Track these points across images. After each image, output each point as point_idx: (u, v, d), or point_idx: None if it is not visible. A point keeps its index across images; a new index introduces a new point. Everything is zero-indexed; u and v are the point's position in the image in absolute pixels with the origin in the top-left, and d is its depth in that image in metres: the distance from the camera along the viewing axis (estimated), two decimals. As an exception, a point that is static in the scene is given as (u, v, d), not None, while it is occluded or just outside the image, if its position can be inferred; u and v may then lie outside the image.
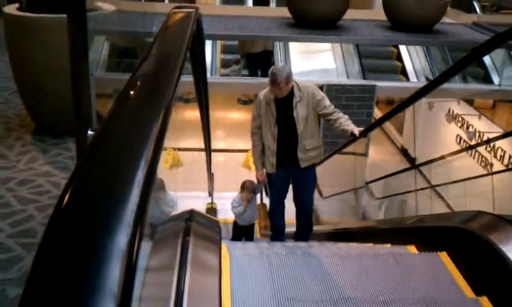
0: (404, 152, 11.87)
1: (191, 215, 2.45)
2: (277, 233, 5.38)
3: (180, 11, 1.86)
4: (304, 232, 5.33)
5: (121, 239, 0.62)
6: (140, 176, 0.71)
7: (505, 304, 2.31)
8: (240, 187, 5.80)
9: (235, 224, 6.12)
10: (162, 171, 10.27)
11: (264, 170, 5.14)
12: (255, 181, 5.52)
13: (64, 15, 2.61)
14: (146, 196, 0.70)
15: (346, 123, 4.73)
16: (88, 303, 0.56)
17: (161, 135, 0.85)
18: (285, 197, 5.28)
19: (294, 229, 5.56)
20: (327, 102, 4.81)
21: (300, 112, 4.71)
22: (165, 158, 11.44)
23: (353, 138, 4.82)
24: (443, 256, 2.76)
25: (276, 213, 5.37)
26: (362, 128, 4.78)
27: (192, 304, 2.01)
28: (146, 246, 2.64)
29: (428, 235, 3.13)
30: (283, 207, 5.34)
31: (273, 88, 4.59)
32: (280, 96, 4.67)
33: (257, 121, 4.92)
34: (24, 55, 5.38)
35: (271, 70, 4.60)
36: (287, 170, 4.95)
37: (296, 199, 5.22)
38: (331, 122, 4.80)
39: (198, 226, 2.37)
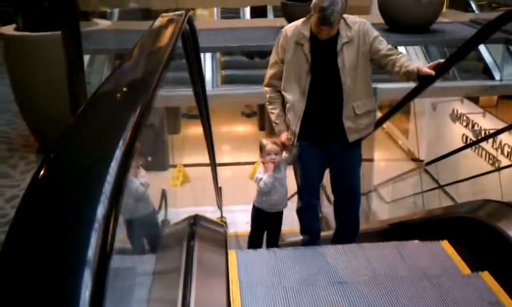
0: (411, 154, 11.82)
1: (195, 219, 2.45)
2: (311, 236, 3.90)
3: (168, 14, 1.86)
4: (349, 234, 3.83)
5: (99, 210, 0.62)
6: (117, 154, 0.71)
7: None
8: (259, 151, 3.85)
9: (256, 211, 4.08)
10: (172, 189, 10.28)
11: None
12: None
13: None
14: (123, 171, 0.69)
15: (408, 62, 3.21)
16: (66, 270, 0.55)
17: (139, 122, 0.84)
18: (318, 186, 4.05)
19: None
20: (383, 41, 3.40)
21: (348, 58, 3.29)
22: (175, 175, 11.52)
23: (423, 81, 3.26)
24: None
25: (307, 208, 3.82)
26: (435, 63, 3.19)
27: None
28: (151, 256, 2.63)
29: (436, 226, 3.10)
30: (316, 199, 3.95)
31: (320, 28, 3.18)
32: (323, 38, 3.26)
33: (277, 67, 3.47)
34: (24, 75, 5.43)
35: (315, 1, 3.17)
36: (322, 147, 3.49)
37: (337, 188, 3.80)
38: (389, 67, 3.30)
39: (203, 229, 2.37)
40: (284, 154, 3.73)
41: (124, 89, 0.96)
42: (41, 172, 0.68)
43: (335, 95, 3.32)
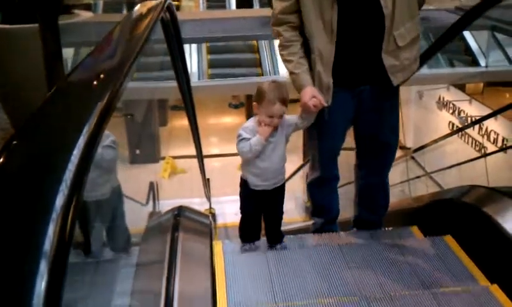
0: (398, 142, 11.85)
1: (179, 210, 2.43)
2: (326, 219, 3.15)
3: (146, 2, 1.84)
4: (378, 210, 3.14)
5: (58, 200, 0.60)
6: (81, 142, 0.69)
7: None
8: (256, 97, 2.61)
9: (244, 186, 2.79)
10: (161, 181, 10.27)
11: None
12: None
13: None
14: (85, 161, 0.67)
15: None
16: (22, 262, 0.54)
17: (105, 111, 0.81)
18: (339, 152, 2.99)
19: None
20: None
21: None
22: (163, 167, 11.48)
23: None
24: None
25: (325, 181, 3.03)
26: None
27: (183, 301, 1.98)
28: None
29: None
30: (337, 171, 3.03)
31: None
32: None
33: None
34: (4, 68, 5.35)
35: None
36: (351, 94, 2.70)
37: (366, 146, 2.95)
38: None
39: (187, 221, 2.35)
40: (296, 119, 2.65)
41: (93, 77, 0.94)
42: (1, 160, 0.66)
43: (372, 26, 2.52)
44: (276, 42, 9.82)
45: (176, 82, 3.31)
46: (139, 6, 1.78)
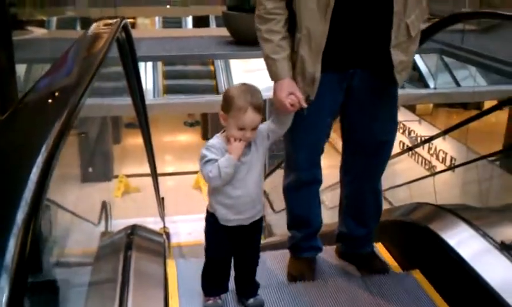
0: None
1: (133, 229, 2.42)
2: (305, 233, 2.58)
3: (102, 21, 1.85)
4: (369, 220, 2.59)
5: (19, 215, 0.62)
6: (40, 160, 0.71)
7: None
8: (223, 104, 2.02)
9: (210, 222, 2.15)
10: (114, 200, 10.11)
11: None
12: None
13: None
14: (44, 178, 0.69)
15: None
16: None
17: (63, 129, 0.83)
18: (322, 149, 2.46)
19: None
20: None
21: None
22: (117, 185, 11.33)
23: None
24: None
25: (305, 185, 2.48)
26: None
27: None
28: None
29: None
30: (320, 173, 2.49)
31: None
32: None
33: None
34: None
35: None
36: (340, 77, 2.21)
37: (356, 143, 2.42)
38: None
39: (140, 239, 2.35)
40: (269, 126, 2.09)
41: (51, 95, 0.96)
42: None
43: (378, 8, 2.08)
44: (233, 63, 9.67)
45: (131, 100, 3.31)
46: (95, 24, 1.80)
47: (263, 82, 8.64)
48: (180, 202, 10.44)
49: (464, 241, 2.40)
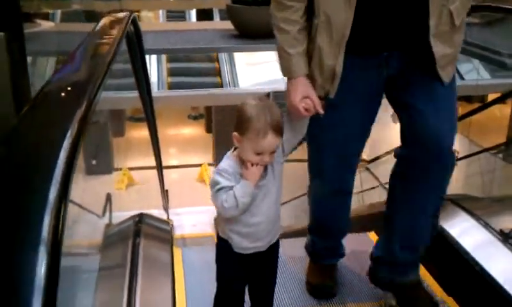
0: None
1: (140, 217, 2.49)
2: (329, 243, 2.41)
3: (112, 15, 1.90)
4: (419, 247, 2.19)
5: (51, 193, 0.67)
6: (66, 144, 0.76)
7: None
8: (238, 125, 1.71)
9: (222, 250, 1.93)
10: (118, 192, 10.17)
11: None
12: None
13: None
14: (72, 159, 0.75)
15: None
16: (22, 250, 0.61)
17: (86, 115, 0.89)
18: (358, 154, 2.22)
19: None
20: None
21: None
22: (120, 178, 11.39)
23: None
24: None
25: (333, 195, 2.19)
26: None
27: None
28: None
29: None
30: (352, 182, 2.22)
31: None
32: None
33: None
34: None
35: None
36: (374, 62, 1.90)
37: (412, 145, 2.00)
38: None
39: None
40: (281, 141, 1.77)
41: (69, 87, 1.01)
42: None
43: None
44: (237, 57, 9.65)
45: (138, 93, 3.36)
46: (105, 18, 1.85)
47: (267, 74, 8.72)
48: (184, 195, 10.50)
49: (465, 231, 2.46)
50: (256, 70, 8.87)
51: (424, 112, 1.89)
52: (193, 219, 9.78)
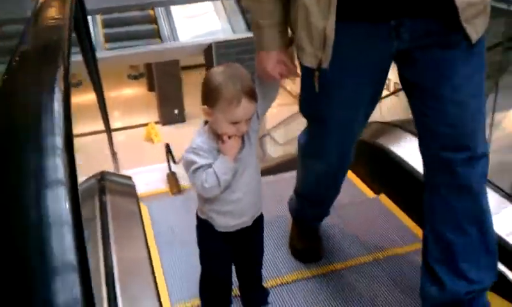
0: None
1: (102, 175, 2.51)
2: (317, 211, 2.30)
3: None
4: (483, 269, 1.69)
5: (57, 140, 0.74)
6: (58, 97, 0.82)
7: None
8: (206, 95, 1.57)
9: (204, 230, 1.79)
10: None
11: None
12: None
13: None
14: (67, 110, 0.81)
15: None
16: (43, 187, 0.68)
17: (67, 68, 0.94)
18: (357, 133, 1.92)
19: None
20: None
21: None
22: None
23: None
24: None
25: (326, 173, 2.02)
26: None
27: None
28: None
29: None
30: (349, 158, 1.97)
31: None
32: None
33: None
34: None
35: None
36: (380, 31, 1.47)
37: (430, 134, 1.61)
38: None
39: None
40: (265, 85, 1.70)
41: (44, 45, 1.05)
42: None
43: None
44: (174, 9, 9.56)
45: (83, 61, 3.33)
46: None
47: (207, 26, 8.67)
48: (133, 156, 10.44)
49: (412, 151, 2.63)
50: (195, 22, 8.78)
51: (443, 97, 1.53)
52: (145, 177, 9.74)
